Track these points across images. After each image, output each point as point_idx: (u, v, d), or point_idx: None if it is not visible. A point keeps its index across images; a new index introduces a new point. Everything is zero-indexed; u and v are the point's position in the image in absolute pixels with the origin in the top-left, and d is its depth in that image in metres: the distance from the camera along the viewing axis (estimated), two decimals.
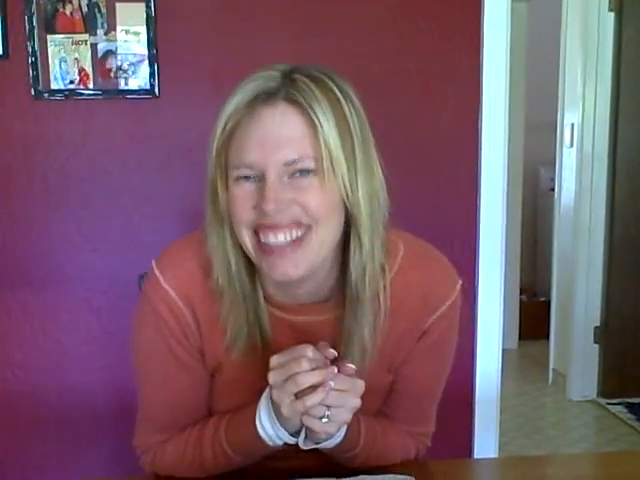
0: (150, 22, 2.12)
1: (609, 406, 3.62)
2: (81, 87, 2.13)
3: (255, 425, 1.00)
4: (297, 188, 0.92)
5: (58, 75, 2.12)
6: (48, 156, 2.18)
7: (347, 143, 0.93)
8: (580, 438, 3.32)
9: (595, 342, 3.73)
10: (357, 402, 0.94)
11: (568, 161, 3.76)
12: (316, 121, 0.90)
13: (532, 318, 4.57)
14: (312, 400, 0.91)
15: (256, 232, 0.96)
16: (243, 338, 1.03)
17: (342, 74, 1.00)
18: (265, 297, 1.05)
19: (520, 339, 4.61)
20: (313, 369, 0.91)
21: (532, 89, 4.36)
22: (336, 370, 0.92)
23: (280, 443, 1.01)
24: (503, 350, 2.45)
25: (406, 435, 1.18)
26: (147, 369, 1.12)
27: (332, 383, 0.91)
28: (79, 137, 2.18)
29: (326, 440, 1.00)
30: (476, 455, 2.42)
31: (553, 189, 4.09)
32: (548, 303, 4.20)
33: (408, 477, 1.05)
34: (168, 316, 1.05)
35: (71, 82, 2.13)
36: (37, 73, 2.11)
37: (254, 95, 0.92)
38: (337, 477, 1.05)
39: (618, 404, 3.62)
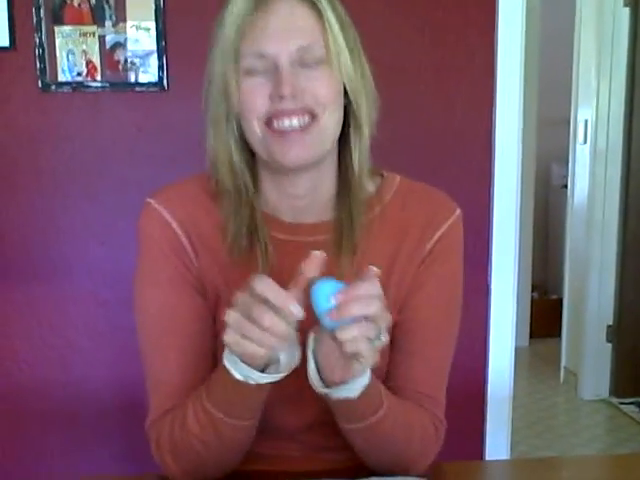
0: (159, 15, 2.10)
1: (621, 405, 3.59)
2: (89, 79, 2.11)
3: (224, 364, 0.91)
4: (308, 77, 0.97)
5: (65, 67, 2.09)
6: (55, 149, 2.16)
7: (348, 35, 0.99)
8: (592, 438, 3.29)
9: (608, 341, 3.69)
10: (389, 317, 0.88)
11: (581, 157, 3.72)
12: (323, 12, 0.96)
13: (544, 316, 4.53)
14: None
15: (266, 124, 0.98)
16: (244, 235, 1.02)
17: None
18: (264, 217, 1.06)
19: (531, 337, 4.57)
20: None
21: (545, 85, 4.32)
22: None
23: (253, 381, 0.90)
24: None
25: (419, 408, 1.08)
26: (146, 312, 1.06)
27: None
28: (87, 130, 2.16)
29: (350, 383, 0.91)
30: (487, 454, 2.39)
31: (565, 186, 4.05)
32: (560, 301, 4.17)
33: (421, 479, 1.02)
34: (161, 238, 1.05)
35: (79, 74, 2.10)
36: (44, 65, 2.09)
37: None
38: (347, 479, 1.02)
39: (630, 403, 3.59)
